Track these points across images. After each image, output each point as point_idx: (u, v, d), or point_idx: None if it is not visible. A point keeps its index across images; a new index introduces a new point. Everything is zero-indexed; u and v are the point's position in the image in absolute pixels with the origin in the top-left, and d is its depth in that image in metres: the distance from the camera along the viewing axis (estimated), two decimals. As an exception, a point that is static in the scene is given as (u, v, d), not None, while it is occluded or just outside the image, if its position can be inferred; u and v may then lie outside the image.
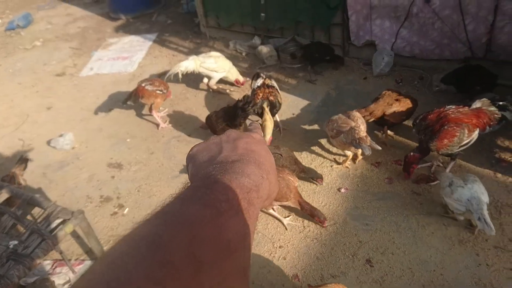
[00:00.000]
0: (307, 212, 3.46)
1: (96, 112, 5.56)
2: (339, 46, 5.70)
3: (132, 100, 4.91)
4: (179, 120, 5.15)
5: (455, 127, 3.49)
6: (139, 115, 5.38)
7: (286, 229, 3.59)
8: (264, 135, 4.33)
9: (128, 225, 3.86)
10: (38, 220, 2.79)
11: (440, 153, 3.61)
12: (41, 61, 7.22)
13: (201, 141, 4.02)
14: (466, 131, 3.50)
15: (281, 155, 3.75)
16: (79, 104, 5.80)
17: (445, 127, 3.51)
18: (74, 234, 3.80)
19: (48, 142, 5.03)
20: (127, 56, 6.86)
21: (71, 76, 6.62)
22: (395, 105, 4.12)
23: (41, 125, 5.48)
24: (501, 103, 3.65)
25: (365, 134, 3.71)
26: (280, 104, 4.58)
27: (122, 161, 4.64)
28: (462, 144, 3.53)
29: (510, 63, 4.65)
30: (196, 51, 6.28)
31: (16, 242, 2.65)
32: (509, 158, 3.93)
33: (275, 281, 3.21)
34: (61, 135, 4.97)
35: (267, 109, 4.42)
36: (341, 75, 5.54)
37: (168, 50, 6.93)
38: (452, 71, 4.60)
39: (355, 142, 3.67)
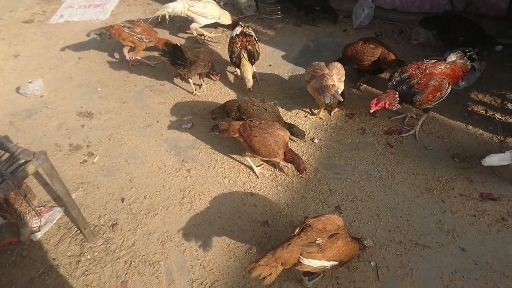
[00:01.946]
0: (288, 161, 3.40)
1: (66, 61, 5.32)
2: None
3: (99, 33, 4.72)
4: (153, 69, 4.98)
5: (440, 82, 3.43)
6: (112, 63, 5.17)
7: (258, 177, 3.58)
8: (246, 80, 4.24)
9: (98, 173, 3.79)
10: (-1, 162, 2.69)
11: (421, 108, 3.57)
12: (7, 7, 6.79)
13: (176, 90, 4.00)
14: (447, 85, 3.46)
15: (265, 109, 3.68)
16: (48, 52, 5.53)
17: (432, 82, 3.42)
18: (42, 181, 3.73)
19: (17, 89, 4.82)
20: (99, 3, 6.51)
21: (40, 23, 6.27)
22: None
23: (8, 73, 5.22)
24: (469, 53, 3.60)
25: (332, 83, 3.63)
26: (258, 53, 4.45)
27: (92, 110, 4.49)
28: (441, 97, 3.51)
29: (490, 17, 4.59)
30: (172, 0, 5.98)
31: (-26, 182, 2.55)
32: (481, 111, 3.95)
33: (245, 226, 3.22)
34: (30, 82, 4.76)
35: (245, 56, 4.29)
36: (321, 27, 5.40)
37: (143, -2, 6.61)
38: (434, 16, 4.50)
39: (321, 89, 3.63)
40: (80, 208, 3.42)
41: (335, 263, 2.56)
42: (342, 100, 3.72)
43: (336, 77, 3.73)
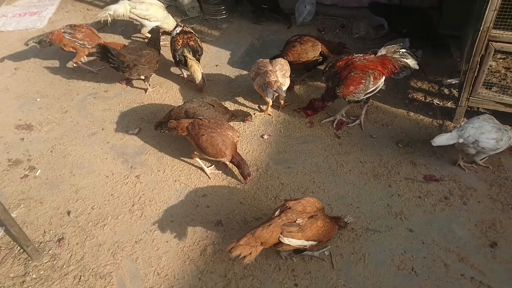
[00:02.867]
0: (234, 164, 3.41)
1: (0, 72, 5.03)
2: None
3: (39, 41, 4.53)
4: (96, 76, 4.81)
5: (361, 74, 3.52)
6: (51, 72, 4.94)
7: (209, 178, 3.54)
8: (196, 78, 4.21)
9: (41, 187, 3.60)
10: None
11: (346, 99, 3.65)
12: None
13: (121, 96, 3.93)
14: (372, 79, 3.53)
15: (213, 106, 3.66)
16: (-20, 65, 5.21)
17: (352, 74, 3.53)
18: (-22, 201, 3.49)
19: None
20: (35, 11, 6.22)
21: (-30, 34, 5.90)
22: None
23: None
24: (403, 50, 3.70)
25: (275, 79, 3.66)
26: (201, 48, 4.42)
27: (32, 121, 4.27)
28: (368, 91, 3.58)
29: (425, 9, 4.80)
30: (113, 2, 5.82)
31: None
32: (420, 98, 4.12)
33: (199, 228, 3.17)
34: (-41, 98, 4.47)
35: (189, 55, 4.24)
36: (265, 25, 5.44)
37: (82, 4, 6.36)
38: (383, 3, 4.69)
39: (264, 86, 3.66)
40: (23, 225, 3.26)
41: (314, 243, 2.66)
42: (284, 95, 3.77)
43: (279, 73, 3.76)
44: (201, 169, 3.58)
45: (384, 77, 3.58)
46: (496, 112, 3.52)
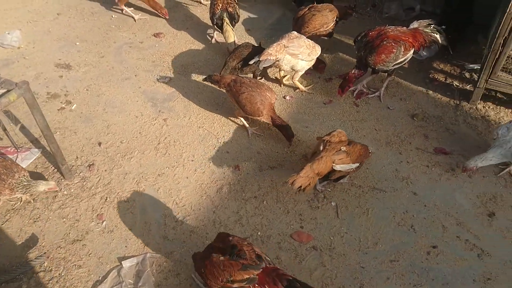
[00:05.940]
0: (277, 127, 3.57)
1: (44, 16, 5.31)
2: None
3: None
4: (132, 27, 5.06)
5: (393, 44, 3.66)
6: (91, 21, 5.21)
7: (249, 136, 3.70)
8: (227, 41, 4.40)
9: (75, 119, 3.89)
10: (-20, 91, 2.77)
11: (376, 68, 3.80)
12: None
13: (155, 48, 4.20)
14: (402, 49, 3.67)
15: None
16: (25, 7, 5.49)
17: (384, 42, 3.68)
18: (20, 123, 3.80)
19: (-6, 40, 4.81)
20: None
21: (17, -21, 6.20)
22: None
23: (-17, 24, 5.19)
24: (433, 25, 3.83)
25: (270, 52, 3.73)
26: (238, 16, 4.60)
27: (71, 62, 4.55)
28: (397, 61, 3.73)
29: None
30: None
31: (-44, 107, 2.64)
32: (441, 78, 4.26)
33: (217, 169, 3.42)
34: (8, 33, 4.76)
35: (227, 20, 4.43)
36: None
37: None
38: None
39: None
40: (57, 150, 3.54)
41: (357, 164, 3.05)
42: (261, 69, 4.00)
43: (292, 49, 3.76)
44: (244, 127, 3.76)
45: (413, 49, 3.73)
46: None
